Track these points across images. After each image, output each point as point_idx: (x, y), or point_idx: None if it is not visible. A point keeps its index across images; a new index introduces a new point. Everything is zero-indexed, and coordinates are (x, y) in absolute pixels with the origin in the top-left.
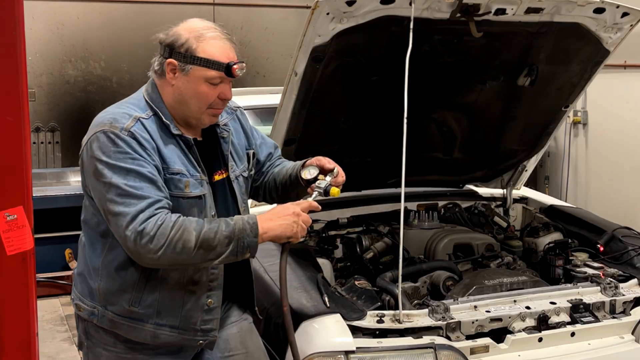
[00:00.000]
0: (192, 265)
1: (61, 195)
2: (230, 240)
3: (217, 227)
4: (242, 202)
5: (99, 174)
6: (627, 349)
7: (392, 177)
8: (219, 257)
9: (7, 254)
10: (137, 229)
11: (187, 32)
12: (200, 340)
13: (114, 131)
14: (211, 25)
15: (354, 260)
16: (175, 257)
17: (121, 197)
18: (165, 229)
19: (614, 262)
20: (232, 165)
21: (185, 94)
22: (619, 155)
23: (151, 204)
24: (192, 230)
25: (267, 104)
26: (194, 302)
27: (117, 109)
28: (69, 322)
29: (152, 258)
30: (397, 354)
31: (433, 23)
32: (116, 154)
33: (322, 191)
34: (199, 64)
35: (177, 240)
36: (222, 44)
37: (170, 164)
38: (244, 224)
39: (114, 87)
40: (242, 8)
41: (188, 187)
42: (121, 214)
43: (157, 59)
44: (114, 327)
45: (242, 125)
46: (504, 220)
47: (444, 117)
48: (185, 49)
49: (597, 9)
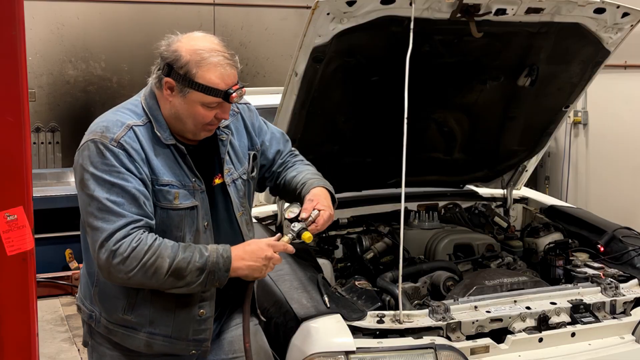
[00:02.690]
0: (160, 289)
1: (61, 195)
2: (202, 272)
3: (190, 257)
4: (240, 205)
5: (83, 184)
6: (627, 349)
7: (392, 177)
8: (189, 287)
9: (7, 254)
10: (111, 248)
11: (188, 53)
12: (193, 350)
13: (104, 142)
14: (214, 47)
15: (354, 260)
16: (145, 281)
17: (101, 212)
18: (139, 252)
19: (614, 263)
20: (229, 169)
21: (181, 113)
22: (619, 155)
23: (129, 222)
24: (166, 257)
25: (267, 104)
26: (186, 312)
27: (112, 115)
28: (69, 322)
29: (121, 278)
30: (398, 354)
31: (433, 23)
32: (103, 165)
33: (294, 235)
34: (197, 89)
35: (149, 265)
36: (222, 71)
37: (159, 175)
38: (217, 258)
39: (114, 88)
40: (242, 8)
41: (177, 199)
42: (99, 229)
43: (155, 71)
44: (109, 333)
45: (246, 125)
46: (504, 220)
47: (444, 118)
48: (184, 72)
49: (597, 9)
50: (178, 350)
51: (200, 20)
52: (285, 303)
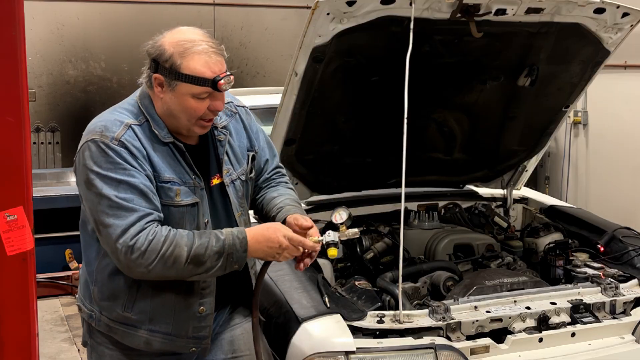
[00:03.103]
0: (180, 278)
1: (61, 195)
2: (220, 255)
3: (207, 242)
4: (239, 206)
5: (90, 184)
6: (627, 349)
7: (392, 177)
8: (208, 272)
9: (7, 254)
10: (128, 244)
11: (172, 46)
12: (192, 348)
13: (105, 141)
14: (197, 37)
15: (354, 260)
16: (165, 272)
17: (112, 209)
18: (156, 244)
19: (614, 263)
20: (227, 169)
21: (173, 108)
22: (619, 155)
23: (141, 217)
24: (184, 246)
25: (267, 104)
26: (186, 309)
27: (109, 115)
28: (69, 322)
29: (142, 272)
30: (398, 354)
31: (433, 23)
32: (107, 164)
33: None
34: (183, 80)
35: (168, 255)
36: (206, 59)
37: (160, 172)
38: (233, 239)
39: (114, 88)
40: (242, 8)
41: (179, 196)
42: (111, 226)
43: (145, 70)
44: (110, 331)
45: (245, 126)
46: (504, 220)
47: (444, 118)
48: (169, 65)
49: (597, 9)
50: (178, 347)
51: (200, 21)
52: (285, 303)
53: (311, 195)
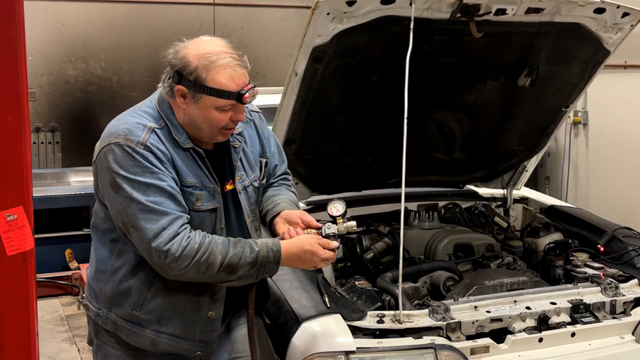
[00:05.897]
0: (212, 282)
1: (61, 195)
2: (253, 265)
3: (241, 252)
4: (250, 212)
5: (118, 187)
6: (627, 349)
7: (392, 177)
8: (240, 280)
9: (7, 254)
10: (162, 249)
11: (197, 58)
12: (197, 351)
13: (130, 145)
14: (221, 49)
15: (354, 260)
16: (199, 277)
17: (142, 212)
18: (190, 251)
19: (614, 263)
20: (240, 176)
21: (196, 119)
22: (619, 155)
23: (173, 220)
24: (218, 254)
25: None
26: (195, 312)
27: (130, 118)
28: (69, 322)
29: (175, 275)
30: (398, 354)
31: (433, 23)
32: (134, 167)
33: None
34: (209, 93)
35: (202, 262)
36: (231, 72)
37: (183, 176)
38: (267, 252)
39: (114, 88)
40: (242, 8)
41: (200, 201)
42: (144, 229)
43: (166, 79)
44: (117, 329)
45: (258, 132)
46: (504, 220)
47: (444, 118)
48: (194, 78)
49: (597, 9)
50: (183, 350)
51: (200, 21)
52: (285, 303)
53: (311, 195)
